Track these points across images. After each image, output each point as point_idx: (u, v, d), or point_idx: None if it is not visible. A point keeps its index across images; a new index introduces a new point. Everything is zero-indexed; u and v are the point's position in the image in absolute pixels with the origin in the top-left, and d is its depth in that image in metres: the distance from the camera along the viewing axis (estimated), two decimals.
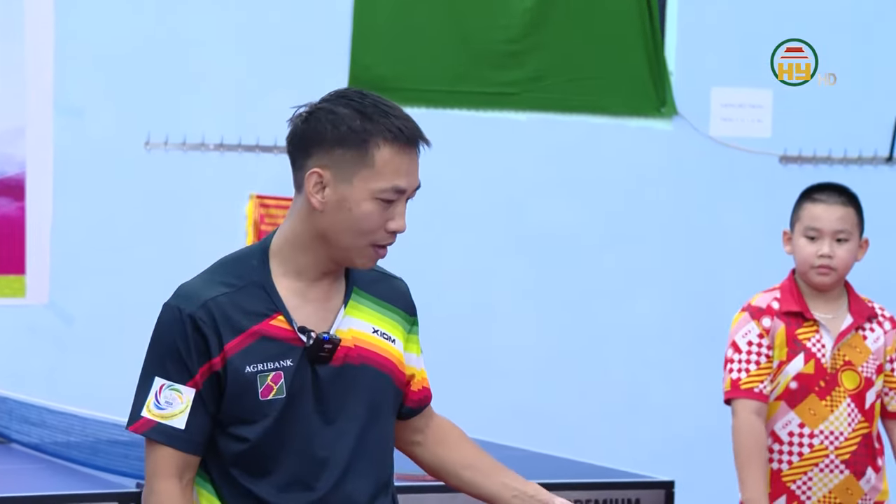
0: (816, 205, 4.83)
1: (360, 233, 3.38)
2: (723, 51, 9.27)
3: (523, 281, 8.63)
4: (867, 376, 4.76)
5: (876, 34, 9.48)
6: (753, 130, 9.33)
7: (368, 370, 3.51)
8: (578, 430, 7.92)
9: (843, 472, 4.72)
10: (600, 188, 9.05)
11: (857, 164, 9.33)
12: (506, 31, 8.89)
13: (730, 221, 9.25)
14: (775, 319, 4.81)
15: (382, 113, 3.39)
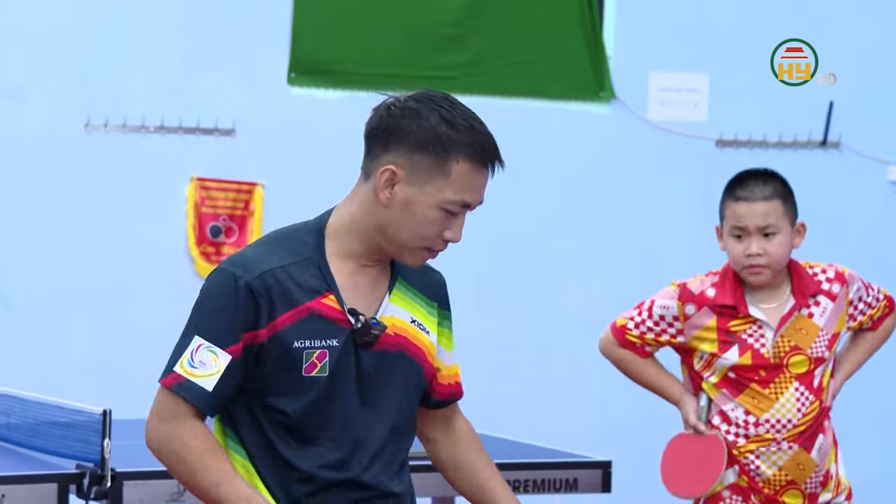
0: (739, 203, 4.77)
1: (418, 236, 3.44)
2: (660, 35, 9.27)
3: (463, 264, 8.64)
4: (817, 356, 4.72)
5: (809, 20, 9.53)
6: (690, 114, 9.35)
7: (404, 358, 3.55)
8: (519, 414, 7.93)
9: (792, 448, 4.72)
10: (539, 171, 9.05)
11: (791, 147, 9.36)
12: (446, 14, 8.89)
13: (667, 204, 9.27)
14: (704, 309, 4.79)
15: (469, 128, 3.43)
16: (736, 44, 9.36)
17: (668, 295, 4.88)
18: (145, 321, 7.80)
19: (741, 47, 9.35)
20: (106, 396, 5.24)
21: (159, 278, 8.03)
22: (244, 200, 8.43)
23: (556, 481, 5.46)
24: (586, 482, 5.58)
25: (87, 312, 8.21)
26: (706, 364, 4.77)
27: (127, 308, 8.15)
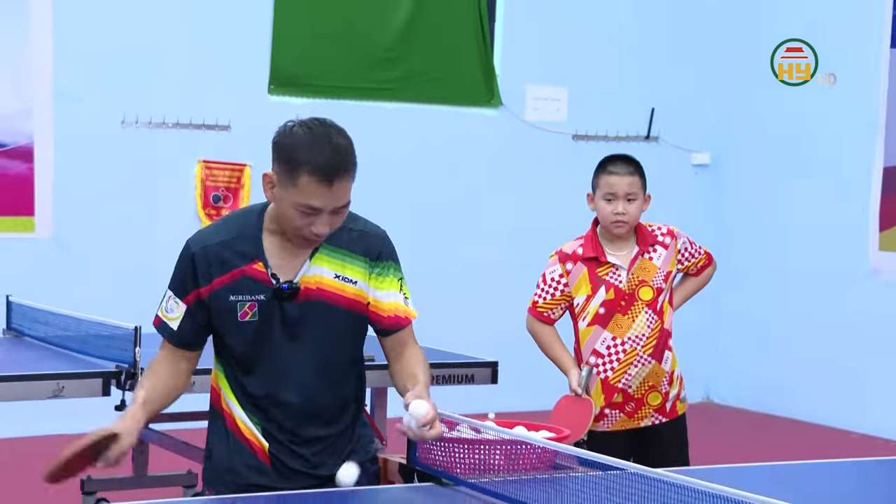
0: (611, 176, 4.72)
1: (291, 227, 3.32)
2: (534, 58, 9.26)
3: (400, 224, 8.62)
4: (658, 286, 4.69)
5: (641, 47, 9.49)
6: (554, 116, 9.34)
7: (325, 306, 3.41)
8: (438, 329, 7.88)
9: (650, 362, 4.69)
10: (448, 156, 9.03)
11: (625, 140, 9.35)
12: (383, 42, 8.80)
13: (539, 180, 9.27)
14: (578, 264, 4.74)
15: (318, 150, 3.24)
16: (587, 65, 9.34)
17: (552, 263, 4.80)
18: (167, 263, 7.69)
19: (591, 67, 9.33)
20: (138, 317, 5.12)
21: (177, 232, 7.79)
22: (237, 177, 8.42)
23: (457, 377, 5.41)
24: (480, 377, 5.53)
25: (125, 257, 8.18)
26: (582, 309, 4.73)
27: (154, 253, 8.06)
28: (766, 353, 9.25)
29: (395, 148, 8.72)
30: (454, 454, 3.44)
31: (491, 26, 9.13)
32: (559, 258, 4.78)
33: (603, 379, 4.67)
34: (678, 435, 4.80)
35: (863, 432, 8.37)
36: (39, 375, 4.87)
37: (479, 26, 9.04)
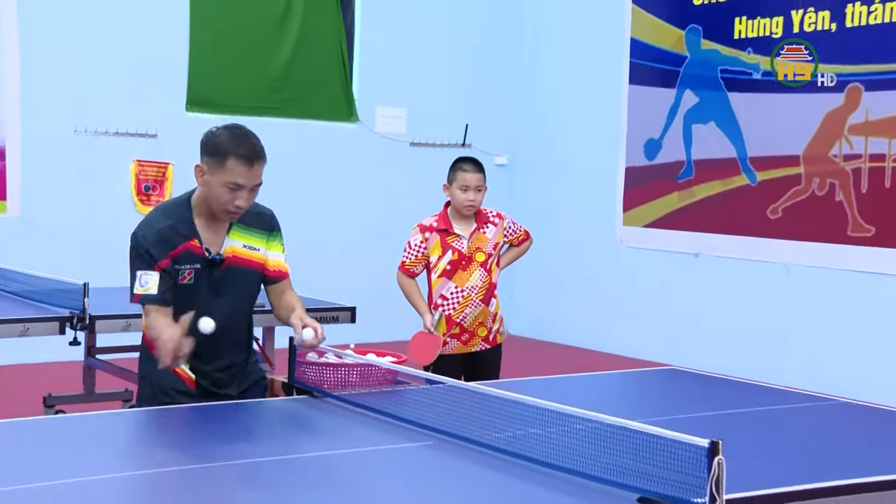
0: (466, 172, 4.75)
1: (219, 203, 3.28)
2: (381, 85, 9.19)
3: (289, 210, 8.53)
4: (488, 252, 4.74)
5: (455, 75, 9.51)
6: (397, 129, 9.29)
7: (240, 269, 3.42)
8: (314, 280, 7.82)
9: (480, 305, 4.74)
10: (318, 163, 8.92)
11: (448, 147, 9.35)
12: (275, 71, 8.64)
13: (387, 178, 9.20)
14: (433, 233, 4.75)
15: (239, 142, 3.26)
16: (421, 90, 9.33)
17: (415, 233, 4.81)
18: (110, 236, 7.49)
19: (424, 92, 9.32)
20: (87, 276, 4.98)
21: (118, 213, 7.76)
22: (162, 172, 8.16)
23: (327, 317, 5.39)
24: (343, 317, 5.52)
25: (78, 231, 7.89)
26: (434, 265, 4.76)
27: (100, 229, 7.88)
28: (548, 298, 9.40)
29: (284, 153, 8.58)
30: (323, 374, 3.45)
31: (350, 61, 9.07)
32: (420, 229, 4.81)
33: (447, 315, 4.74)
34: (497, 357, 4.89)
35: (617, 353, 8.58)
36: (11, 319, 4.75)
37: (341, 60, 8.95)
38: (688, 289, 8.30)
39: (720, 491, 2.23)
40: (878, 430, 3.32)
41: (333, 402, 3.35)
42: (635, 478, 2.41)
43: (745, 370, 6.90)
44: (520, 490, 2.51)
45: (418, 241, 4.79)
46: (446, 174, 4.85)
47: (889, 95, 6.96)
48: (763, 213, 7.72)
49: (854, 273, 7.18)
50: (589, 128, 9.08)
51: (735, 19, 7.87)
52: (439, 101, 9.40)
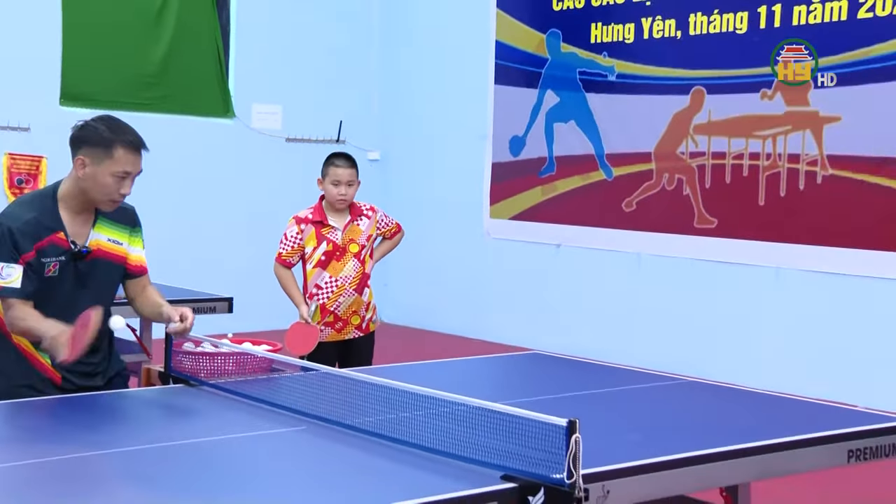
0: (338, 168, 4.73)
1: (104, 194, 3.18)
2: (257, 82, 9.05)
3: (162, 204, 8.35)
4: (361, 244, 4.73)
5: (331, 75, 9.45)
6: (274, 125, 9.19)
7: (105, 261, 3.32)
8: (190, 273, 7.64)
9: (354, 294, 4.72)
10: (195, 159, 8.75)
11: (323, 142, 9.29)
12: (149, 68, 8.44)
13: (263, 172, 9.10)
14: (308, 225, 4.72)
15: (124, 132, 3.18)
16: (295, 88, 9.24)
17: (291, 225, 4.76)
18: None
19: (298, 90, 9.24)
20: None
21: None
22: (35, 165, 7.89)
23: (205, 308, 5.30)
24: (221, 308, 5.43)
25: None
26: (310, 256, 4.72)
27: None
28: (420, 288, 9.44)
29: (161, 149, 8.35)
30: (199, 363, 3.38)
31: (226, 58, 8.90)
32: (296, 221, 4.77)
33: (321, 304, 4.71)
34: (369, 345, 4.88)
35: (485, 339, 8.67)
36: None
37: (217, 58, 8.79)
38: (550, 277, 8.46)
39: (577, 467, 2.29)
40: (719, 407, 3.46)
41: (210, 390, 3.29)
42: (499, 456, 2.45)
43: (602, 353, 7.07)
44: (389, 470, 2.52)
45: (294, 232, 4.75)
46: (321, 169, 4.83)
47: (728, 98, 7.23)
48: (618, 207, 7.92)
49: (699, 262, 7.44)
50: (457, 125, 9.14)
51: (591, 25, 8.04)
52: (314, 98, 9.32)
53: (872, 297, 6.57)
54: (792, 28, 6.88)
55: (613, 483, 2.42)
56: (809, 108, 6.82)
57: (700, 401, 3.54)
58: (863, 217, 6.57)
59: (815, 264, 6.80)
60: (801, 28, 6.82)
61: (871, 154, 6.54)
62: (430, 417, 2.72)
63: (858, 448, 2.84)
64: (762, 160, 7.07)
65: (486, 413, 2.60)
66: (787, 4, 6.92)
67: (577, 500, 2.26)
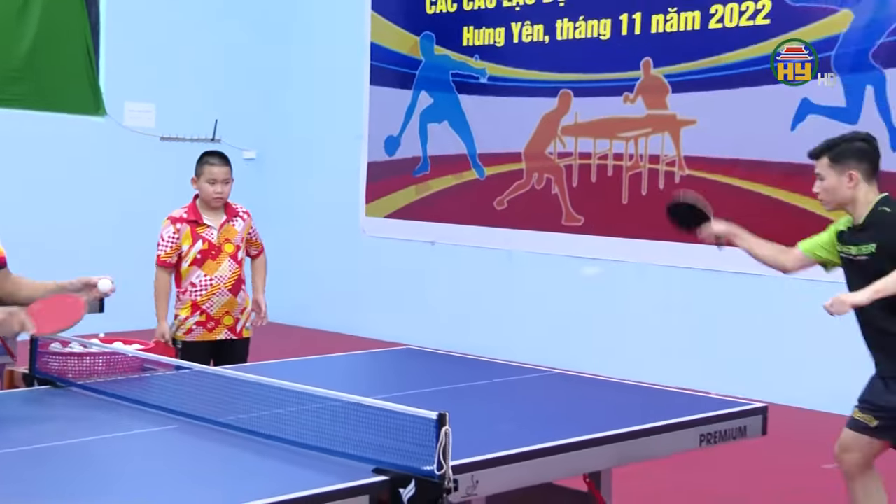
0: (213, 166, 4.62)
1: None
2: (130, 80, 8.78)
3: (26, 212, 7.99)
4: (237, 244, 4.62)
5: (204, 72, 9.25)
6: (147, 123, 8.93)
7: None
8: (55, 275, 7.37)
9: (228, 294, 4.61)
10: (65, 156, 8.42)
11: (198, 141, 9.07)
12: (14, 63, 8.07)
13: (136, 171, 8.83)
14: (184, 224, 4.59)
15: None
16: (170, 86, 9.01)
17: (166, 225, 4.62)
18: None
19: (173, 88, 9.01)
20: None
21: None
22: None
23: None
24: (91, 307, 5.23)
25: None
26: (185, 254, 4.59)
27: None
28: (298, 286, 9.34)
29: (28, 146, 8.07)
30: (67, 364, 3.26)
31: (96, 55, 8.60)
32: (171, 221, 4.65)
33: (194, 301, 4.60)
34: (243, 351, 4.77)
35: (361, 336, 8.64)
36: None
37: (87, 54, 8.47)
38: (425, 274, 8.49)
39: (447, 458, 2.31)
40: (585, 397, 3.54)
41: (78, 391, 3.18)
42: (371, 450, 2.44)
43: (476, 347, 7.15)
44: (261, 466, 2.48)
45: (171, 232, 4.64)
46: (195, 168, 4.73)
47: (593, 101, 7.41)
48: (490, 205, 8.02)
49: (567, 258, 7.60)
50: (333, 125, 9.09)
51: (464, 28, 8.11)
52: (189, 97, 9.11)
53: (726, 289, 6.83)
54: (651, 35, 7.10)
55: (482, 473, 2.46)
56: (668, 111, 7.05)
57: (568, 391, 3.62)
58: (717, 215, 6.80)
59: (674, 260, 7.03)
60: (659, 36, 7.04)
61: (724, 155, 6.80)
62: (302, 413, 2.70)
63: (709, 432, 2.96)
64: (625, 160, 7.27)
65: (358, 408, 2.60)
66: (647, 13, 7.13)
67: (446, 491, 2.28)
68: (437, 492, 2.28)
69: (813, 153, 3.71)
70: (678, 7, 6.95)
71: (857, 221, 3.62)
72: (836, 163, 3.64)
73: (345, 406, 2.64)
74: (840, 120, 6.18)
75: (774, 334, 6.65)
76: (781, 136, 6.50)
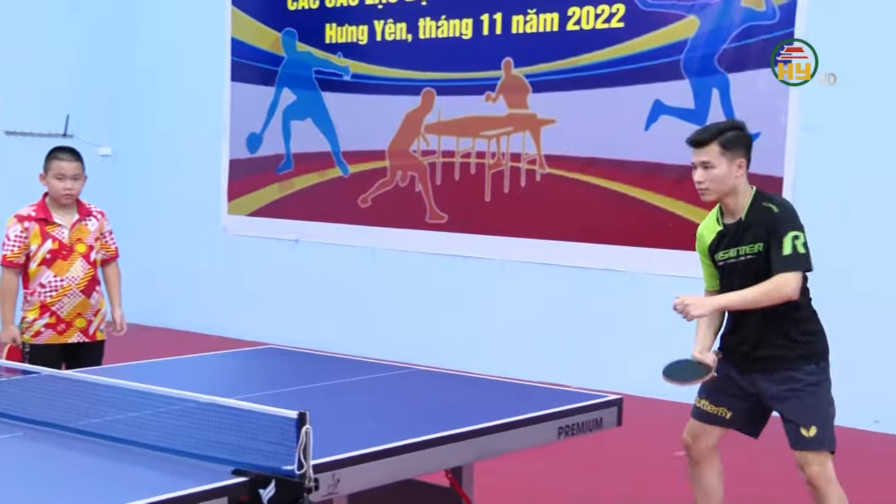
0: (62, 161, 4.43)
1: None
2: None
3: None
4: (90, 244, 4.45)
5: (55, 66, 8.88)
6: None
7: None
8: None
9: (80, 296, 4.43)
10: None
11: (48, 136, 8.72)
12: None
13: None
14: (32, 223, 4.39)
15: None
16: (16, 79, 8.61)
17: (12, 224, 4.41)
18: None
19: (21, 82, 8.61)
20: None
21: None
22: None
23: None
24: None
25: None
26: (34, 254, 4.39)
27: None
28: (156, 285, 9.08)
29: None
30: None
31: None
32: (18, 219, 4.45)
33: (44, 302, 4.41)
34: (98, 354, 4.60)
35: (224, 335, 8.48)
36: None
37: None
38: (289, 272, 8.41)
39: (307, 457, 2.29)
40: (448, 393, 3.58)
41: None
42: (231, 451, 2.41)
43: (341, 345, 7.12)
44: (116, 471, 2.41)
45: (17, 231, 4.43)
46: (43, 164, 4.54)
47: (456, 99, 7.49)
48: (355, 203, 8.00)
49: (432, 255, 7.66)
50: (194, 121, 8.88)
51: (326, 25, 8.06)
52: (38, 91, 8.73)
53: (586, 285, 7.02)
54: (511, 36, 7.23)
55: (344, 471, 2.45)
56: (528, 110, 7.19)
57: (430, 388, 3.64)
58: (575, 213, 7.01)
59: (537, 256, 7.18)
60: (520, 36, 7.18)
61: (582, 154, 6.98)
62: (159, 416, 2.63)
63: (568, 425, 3.04)
64: (488, 159, 7.37)
65: (218, 409, 2.55)
66: (507, 14, 7.25)
67: (307, 491, 2.27)
68: (297, 491, 2.26)
69: (699, 140, 3.46)
70: (537, 8, 7.10)
71: (735, 215, 3.46)
72: (728, 150, 3.43)
73: (203, 408, 2.59)
74: (690, 121, 6.44)
75: (631, 328, 6.87)
76: (636, 136, 6.73)
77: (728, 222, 3.51)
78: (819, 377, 3.43)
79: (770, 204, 3.43)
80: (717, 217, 3.56)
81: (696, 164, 3.48)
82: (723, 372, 3.55)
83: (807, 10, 6.10)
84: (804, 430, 3.40)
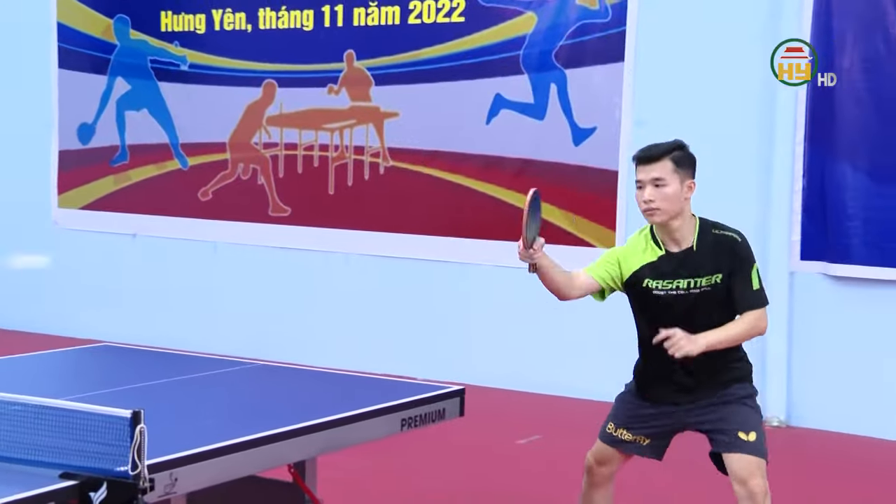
0: None
1: None
2: None
3: None
4: None
5: None
6: None
7: None
8: None
9: None
10: None
11: None
12: None
13: None
14: None
15: None
16: None
17: None
18: None
19: None
20: None
21: None
22: None
23: None
24: None
25: None
26: None
27: None
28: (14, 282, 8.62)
29: None
30: None
31: None
32: None
33: None
34: None
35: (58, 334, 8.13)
36: None
37: None
38: (126, 267, 8.13)
39: (142, 457, 2.23)
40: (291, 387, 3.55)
41: None
42: (59, 455, 2.32)
43: (181, 341, 6.94)
44: None
45: None
46: None
47: (298, 92, 7.41)
48: (195, 196, 7.81)
49: (275, 249, 7.56)
50: (19, 111, 8.45)
51: (161, 13, 7.82)
52: None
53: (429, 278, 7.09)
54: (353, 28, 7.21)
55: (181, 470, 2.40)
56: (371, 103, 7.19)
57: (272, 383, 3.61)
58: (419, 205, 7.06)
59: (380, 249, 7.20)
60: (361, 29, 7.16)
61: (425, 147, 7.04)
62: None
63: (410, 416, 3.07)
64: (331, 151, 7.33)
65: (44, 411, 2.45)
66: (349, 6, 7.23)
67: (141, 492, 2.21)
68: (131, 492, 2.20)
69: (650, 156, 3.12)
70: (378, 1, 7.11)
71: (681, 243, 3.14)
72: (681, 168, 3.13)
73: (28, 410, 2.48)
74: (529, 115, 6.60)
75: (474, 319, 6.99)
76: (477, 129, 6.84)
77: (673, 250, 3.15)
78: (751, 392, 3.21)
79: (725, 232, 3.16)
80: (651, 242, 3.18)
81: (643, 182, 3.11)
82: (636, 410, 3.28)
83: (637, 9, 6.34)
84: (743, 434, 3.10)
